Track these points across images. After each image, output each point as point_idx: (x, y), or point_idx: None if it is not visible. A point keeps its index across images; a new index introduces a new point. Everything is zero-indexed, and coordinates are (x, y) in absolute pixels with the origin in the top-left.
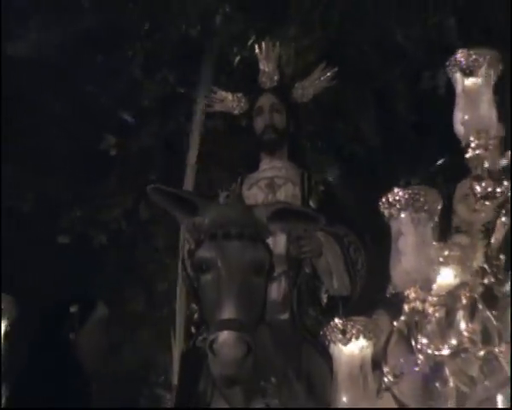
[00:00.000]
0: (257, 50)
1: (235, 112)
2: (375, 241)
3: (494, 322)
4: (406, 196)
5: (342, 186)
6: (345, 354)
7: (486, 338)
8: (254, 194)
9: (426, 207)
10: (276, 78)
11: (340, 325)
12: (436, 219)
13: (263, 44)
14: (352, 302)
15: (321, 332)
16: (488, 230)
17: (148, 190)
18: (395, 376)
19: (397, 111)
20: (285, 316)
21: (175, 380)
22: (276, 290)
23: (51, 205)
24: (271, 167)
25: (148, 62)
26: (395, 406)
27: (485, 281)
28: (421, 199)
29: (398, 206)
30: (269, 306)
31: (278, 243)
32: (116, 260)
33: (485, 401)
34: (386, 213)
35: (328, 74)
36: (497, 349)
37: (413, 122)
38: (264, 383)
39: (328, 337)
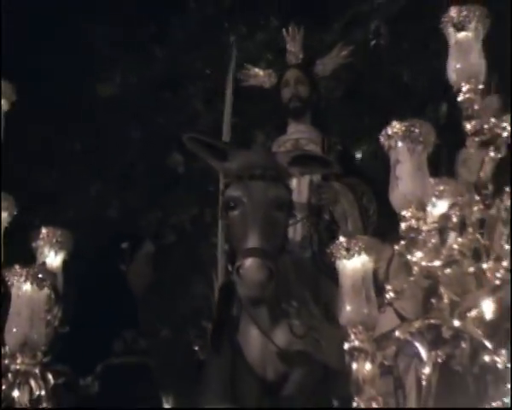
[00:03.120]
0: (284, 33)
1: (266, 85)
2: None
3: (482, 241)
4: (403, 128)
5: None
6: (348, 269)
7: (476, 257)
8: None
9: (421, 139)
10: (300, 56)
11: (344, 243)
12: (430, 149)
13: (289, 29)
14: None
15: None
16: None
17: (185, 138)
18: (396, 292)
19: None
20: (307, 254)
21: None
22: (299, 232)
23: (131, 211)
24: (296, 131)
25: (207, 97)
26: (397, 318)
27: (475, 208)
28: (417, 131)
29: (396, 137)
30: (293, 245)
31: (301, 192)
32: (182, 255)
33: (473, 308)
34: (385, 145)
35: (345, 53)
36: (485, 265)
37: None
38: (286, 305)
39: (334, 254)
